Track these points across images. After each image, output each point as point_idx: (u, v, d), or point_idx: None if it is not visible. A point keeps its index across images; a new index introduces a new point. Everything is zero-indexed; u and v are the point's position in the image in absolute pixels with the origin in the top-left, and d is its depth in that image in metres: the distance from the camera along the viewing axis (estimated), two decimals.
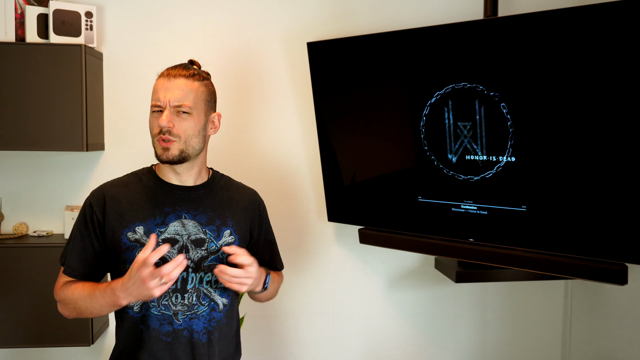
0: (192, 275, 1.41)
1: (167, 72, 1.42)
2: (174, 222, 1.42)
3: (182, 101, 1.39)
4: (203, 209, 1.45)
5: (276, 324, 2.42)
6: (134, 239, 1.40)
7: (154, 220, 1.41)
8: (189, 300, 1.40)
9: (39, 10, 2.10)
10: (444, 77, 1.89)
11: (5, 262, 2.11)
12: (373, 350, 2.46)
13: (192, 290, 1.41)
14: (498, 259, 1.87)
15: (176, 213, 1.43)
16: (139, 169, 1.53)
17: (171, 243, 1.40)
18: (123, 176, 1.51)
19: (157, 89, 1.41)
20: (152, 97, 1.42)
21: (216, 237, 1.44)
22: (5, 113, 2.05)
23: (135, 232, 1.40)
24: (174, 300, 1.40)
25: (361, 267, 2.44)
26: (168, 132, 1.38)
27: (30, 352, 2.33)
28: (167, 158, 1.40)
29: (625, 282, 1.65)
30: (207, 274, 1.42)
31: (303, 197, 2.41)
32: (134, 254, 1.39)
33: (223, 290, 1.45)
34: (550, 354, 2.45)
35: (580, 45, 1.61)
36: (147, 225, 1.41)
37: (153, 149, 1.43)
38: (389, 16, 2.32)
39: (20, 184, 2.31)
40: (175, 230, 1.41)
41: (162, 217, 1.42)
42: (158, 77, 1.43)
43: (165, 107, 1.39)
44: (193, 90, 1.41)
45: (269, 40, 2.35)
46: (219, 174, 1.58)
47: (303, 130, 2.38)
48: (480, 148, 1.86)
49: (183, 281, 1.40)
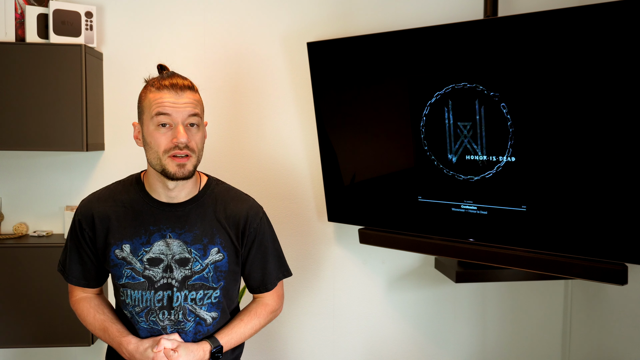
0: (177, 294, 1.40)
1: (169, 83, 1.33)
2: (159, 241, 1.39)
3: (194, 115, 1.34)
4: (189, 227, 1.40)
5: (276, 324, 2.42)
6: (121, 256, 1.40)
7: (139, 239, 1.39)
8: (175, 317, 1.40)
9: (39, 10, 2.10)
10: (444, 77, 1.89)
11: (5, 262, 2.11)
12: (373, 350, 2.46)
13: (178, 308, 1.40)
14: (498, 259, 1.87)
15: (161, 232, 1.39)
16: (127, 178, 1.48)
17: (156, 263, 1.39)
18: (111, 185, 1.48)
19: (164, 103, 1.31)
20: (155, 110, 1.32)
21: (202, 256, 1.40)
22: (5, 113, 2.05)
23: (122, 249, 1.40)
24: (161, 317, 1.40)
25: (361, 267, 2.44)
26: (186, 147, 1.32)
27: (30, 352, 2.33)
28: (183, 175, 1.33)
29: (625, 282, 1.65)
30: (192, 292, 1.40)
31: (303, 197, 2.41)
32: (122, 271, 1.40)
33: (211, 305, 1.43)
34: (550, 354, 2.45)
35: (580, 45, 1.61)
36: (133, 243, 1.39)
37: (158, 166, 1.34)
38: (389, 16, 2.32)
39: (20, 184, 2.31)
40: (160, 250, 1.39)
41: (147, 236, 1.39)
42: (155, 89, 1.33)
43: (177, 123, 1.32)
44: (199, 102, 1.37)
45: (269, 40, 2.35)
46: (214, 183, 1.49)
47: (303, 130, 2.38)
48: (480, 148, 1.86)
49: (169, 299, 1.39)
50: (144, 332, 1.41)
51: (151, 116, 1.33)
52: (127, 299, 1.40)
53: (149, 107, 1.33)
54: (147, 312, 1.39)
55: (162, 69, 1.41)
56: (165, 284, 1.39)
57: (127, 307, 1.41)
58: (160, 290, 1.39)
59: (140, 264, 1.38)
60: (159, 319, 1.40)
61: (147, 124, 1.34)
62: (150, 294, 1.39)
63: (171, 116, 1.31)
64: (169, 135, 1.32)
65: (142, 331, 1.41)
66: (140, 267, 1.39)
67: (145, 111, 1.35)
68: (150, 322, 1.40)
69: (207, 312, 1.42)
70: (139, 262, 1.38)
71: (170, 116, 1.31)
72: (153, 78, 1.38)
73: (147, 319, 1.40)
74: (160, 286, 1.39)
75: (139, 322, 1.41)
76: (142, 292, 1.39)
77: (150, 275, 1.39)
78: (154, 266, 1.39)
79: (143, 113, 1.36)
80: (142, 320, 1.40)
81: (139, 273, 1.39)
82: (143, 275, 1.39)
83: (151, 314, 1.39)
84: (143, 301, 1.39)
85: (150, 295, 1.39)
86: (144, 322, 1.40)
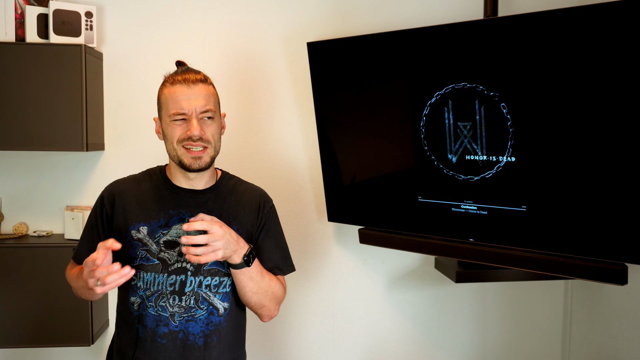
0: (191, 278, 1.40)
1: (181, 78, 1.40)
2: (177, 225, 1.42)
3: (207, 106, 1.39)
4: (207, 213, 1.42)
5: (276, 324, 2.42)
6: (137, 237, 1.41)
7: (157, 222, 1.42)
8: (186, 302, 1.40)
9: (39, 10, 2.10)
10: (444, 77, 1.89)
11: (5, 262, 2.11)
12: (373, 350, 2.47)
13: (190, 293, 1.40)
14: (498, 259, 1.87)
15: (180, 216, 1.43)
16: (152, 168, 1.54)
17: (172, 245, 1.41)
18: (138, 173, 1.54)
19: (178, 97, 1.38)
20: (171, 106, 1.39)
21: None
22: (5, 113, 2.05)
23: (139, 231, 1.42)
24: (172, 302, 1.40)
25: (361, 267, 2.44)
26: (200, 140, 1.38)
27: (30, 352, 2.33)
28: (200, 166, 1.40)
29: (625, 282, 1.65)
30: (207, 277, 1.42)
31: (303, 197, 2.41)
32: (136, 252, 1.41)
33: (225, 294, 1.44)
34: (550, 354, 2.45)
35: (580, 45, 1.61)
36: (150, 225, 1.42)
37: (175, 157, 1.41)
38: (389, 16, 2.32)
39: (20, 184, 2.31)
40: (177, 233, 1.42)
41: (165, 219, 1.43)
42: (170, 84, 1.41)
43: (191, 116, 1.38)
44: (212, 94, 1.43)
45: (269, 40, 2.35)
46: (228, 176, 1.56)
47: (303, 130, 2.38)
48: (480, 148, 1.86)
49: (181, 284, 1.40)
50: (150, 320, 1.40)
51: (167, 111, 1.40)
52: (139, 282, 1.41)
53: (165, 102, 1.41)
54: (158, 297, 1.39)
55: (179, 64, 1.48)
56: (179, 268, 1.40)
57: (138, 291, 1.41)
58: (174, 274, 1.40)
59: (157, 246, 1.41)
60: (168, 304, 1.40)
61: (165, 119, 1.42)
62: (163, 277, 1.40)
63: (185, 110, 1.38)
64: (183, 127, 1.39)
65: (149, 318, 1.40)
66: (156, 249, 1.41)
67: (163, 106, 1.42)
68: (159, 308, 1.39)
69: (221, 302, 1.43)
70: (155, 244, 1.41)
71: (184, 110, 1.38)
72: (169, 74, 1.45)
73: (156, 304, 1.40)
74: (174, 270, 1.40)
75: (147, 308, 1.40)
76: (154, 275, 1.40)
77: (165, 257, 1.40)
78: (170, 249, 1.41)
79: (161, 109, 1.44)
80: (151, 306, 1.40)
81: (154, 255, 1.40)
82: (158, 257, 1.41)
83: (161, 299, 1.40)
84: (155, 284, 1.40)
85: (163, 279, 1.40)
86: (152, 308, 1.40)
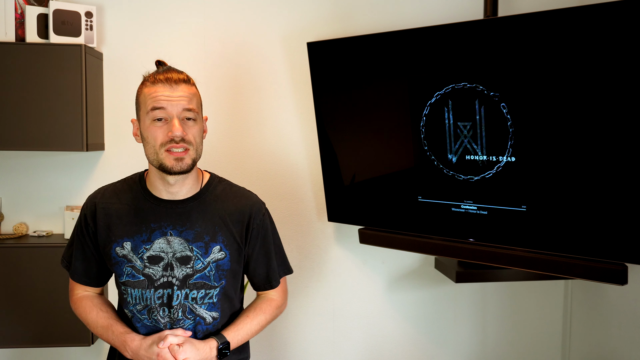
0: (178, 292, 1.39)
1: (163, 77, 1.33)
2: (159, 239, 1.39)
3: (189, 106, 1.33)
4: (190, 225, 1.40)
5: (276, 324, 2.42)
6: (122, 254, 1.39)
7: (140, 237, 1.39)
8: (174, 315, 1.39)
9: (39, 10, 2.10)
10: (444, 77, 1.89)
11: (5, 262, 2.11)
12: (373, 350, 2.46)
13: (178, 306, 1.39)
14: (498, 259, 1.87)
15: (161, 229, 1.39)
16: (132, 175, 1.49)
17: (156, 261, 1.39)
18: (117, 182, 1.48)
19: (158, 97, 1.31)
20: (150, 105, 1.32)
21: (204, 254, 1.39)
22: (5, 113, 2.05)
23: (123, 247, 1.39)
24: (162, 314, 1.39)
25: (361, 267, 2.44)
26: (182, 141, 1.31)
27: (30, 352, 2.33)
28: (181, 169, 1.33)
29: (625, 282, 1.65)
30: (192, 290, 1.40)
31: (303, 197, 2.41)
32: (122, 269, 1.39)
33: (212, 304, 1.42)
34: (550, 354, 2.45)
35: (580, 45, 1.61)
36: (133, 241, 1.39)
37: (155, 161, 1.34)
38: (389, 16, 2.32)
39: (20, 184, 2.31)
40: (160, 247, 1.38)
41: (147, 233, 1.39)
42: (150, 84, 1.33)
43: (172, 116, 1.31)
44: (195, 95, 1.37)
45: (269, 40, 2.35)
46: (216, 180, 1.49)
47: (303, 130, 2.38)
48: (480, 148, 1.86)
49: (169, 297, 1.39)
50: (145, 329, 1.41)
51: (147, 111, 1.33)
52: (129, 297, 1.40)
53: (145, 102, 1.34)
54: (149, 311, 1.39)
55: (159, 64, 1.41)
56: (165, 283, 1.38)
57: (129, 305, 1.41)
58: (161, 289, 1.39)
59: (141, 261, 1.38)
60: (159, 316, 1.39)
61: (144, 119, 1.34)
62: (150, 292, 1.38)
63: (166, 110, 1.31)
64: (164, 129, 1.32)
65: (144, 327, 1.41)
66: (140, 265, 1.38)
67: (142, 106, 1.35)
68: (153, 320, 1.40)
69: (207, 312, 1.42)
70: (139, 260, 1.38)
71: (165, 110, 1.31)
72: (149, 73, 1.38)
73: (150, 317, 1.40)
74: (160, 284, 1.38)
75: (141, 320, 1.40)
76: (142, 291, 1.39)
77: (150, 273, 1.38)
78: (154, 264, 1.38)
79: (140, 109, 1.37)
80: (145, 318, 1.40)
81: (138, 271, 1.38)
82: (143, 273, 1.38)
83: (152, 312, 1.39)
84: (143, 299, 1.39)
85: (150, 294, 1.38)
86: (146, 320, 1.40)
